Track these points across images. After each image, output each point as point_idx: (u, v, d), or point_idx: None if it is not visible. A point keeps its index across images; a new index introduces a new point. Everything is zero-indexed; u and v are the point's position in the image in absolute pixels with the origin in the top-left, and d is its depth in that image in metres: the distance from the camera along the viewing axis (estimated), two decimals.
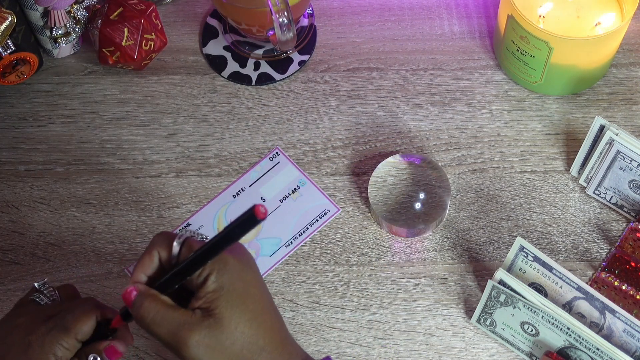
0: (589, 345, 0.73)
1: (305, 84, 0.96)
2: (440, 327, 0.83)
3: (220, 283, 0.62)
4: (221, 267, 0.63)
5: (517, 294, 0.74)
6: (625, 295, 0.80)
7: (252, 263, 0.65)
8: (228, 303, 0.62)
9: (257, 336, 0.63)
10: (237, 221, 0.59)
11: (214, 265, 0.63)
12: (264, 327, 0.63)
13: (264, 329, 0.63)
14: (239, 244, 0.66)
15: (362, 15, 1.00)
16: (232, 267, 0.63)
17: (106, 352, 0.65)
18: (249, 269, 0.64)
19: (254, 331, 0.63)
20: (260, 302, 0.64)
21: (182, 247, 0.65)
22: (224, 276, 0.63)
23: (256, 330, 0.63)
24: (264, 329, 0.63)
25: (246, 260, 0.65)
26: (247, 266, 0.64)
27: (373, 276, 0.86)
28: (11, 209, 0.90)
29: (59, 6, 0.91)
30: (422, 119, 0.93)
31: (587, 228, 0.87)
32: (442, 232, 0.87)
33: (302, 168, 0.91)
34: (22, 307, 0.70)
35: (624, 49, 0.96)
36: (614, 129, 0.82)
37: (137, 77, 0.96)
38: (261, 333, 0.63)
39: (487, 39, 0.98)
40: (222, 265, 0.63)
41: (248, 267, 0.64)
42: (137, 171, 0.91)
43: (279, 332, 0.65)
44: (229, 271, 0.63)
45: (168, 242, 0.65)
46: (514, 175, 0.90)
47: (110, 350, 0.66)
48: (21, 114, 0.95)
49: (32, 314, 0.68)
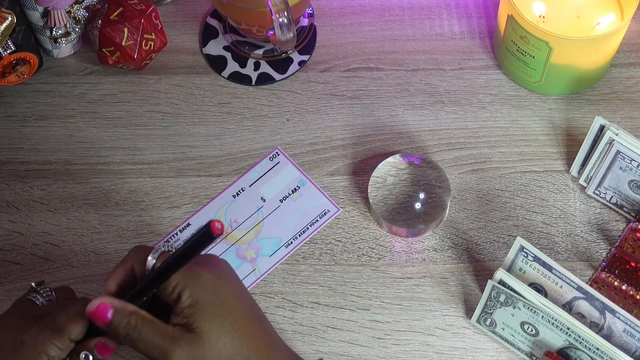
0: (589, 345, 0.73)
1: (305, 84, 0.96)
2: (440, 327, 0.83)
3: (195, 298, 0.63)
4: (195, 283, 0.63)
5: (517, 294, 0.74)
6: (625, 295, 0.80)
7: (229, 275, 0.66)
8: (205, 317, 0.63)
9: (241, 346, 0.64)
10: (194, 237, 0.60)
11: (187, 281, 0.63)
12: (246, 337, 0.64)
13: (247, 339, 0.64)
14: (214, 257, 0.66)
15: (362, 15, 1.00)
16: (205, 281, 0.64)
17: (97, 349, 0.65)
18: (223, 281, 0.65)
19: (237, 342, 0.63)
20: (239, 313, 0.64)
21: (157, 261, 0.65)
22: (197, 292, 0.63)
23: (239, 341, 0.64)
24: (247, 339, 0.64)
25: (222, 273, 0.65)
26: (222, 279, 0.65)
27: (373, 276, 0.86)
28: (11, 209, 0.90)
29: (59, 6, 0.91)
30: (422, 119, 0.93)
31: (587, 228, 0.87)
32: (442, 232, 0.87)
33: (302, 168, 0.91)
34: (18, 306, 0.70)
35: (624, 49, 0.96)
36: (614, 129, 0.82)
37: (137, 77, 0.96)
38: (244, 343, 0.64)
39: (487, 39, 0.98)
40: (196, 281, 0.63)
41: (223, 279, 0.65)
42: (137, 171, 0.91)
43: (263, 338, 0.65)
44: (202, 286, 0.64)
45: (144, 255, 0.66)
46: (514, 175, 0.90)
47: (102, 347, 0.65)
48: (21, 114, 0.95)
49: (25, 313, 0.68)
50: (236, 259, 0.87)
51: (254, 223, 0.88)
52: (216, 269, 0.65)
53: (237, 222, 0.88)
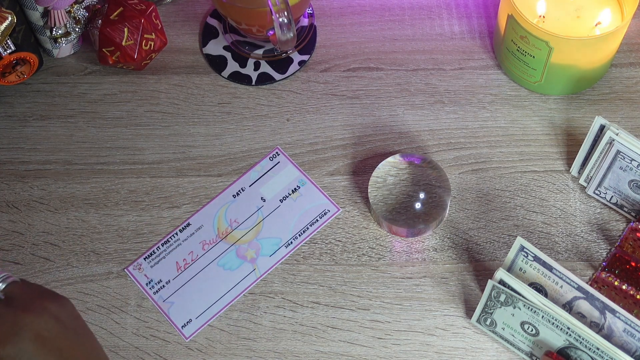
0: (589, 345, 0.73)
1: (305, 84, 0.96)
2: (440, 327, 0.83)
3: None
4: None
5: (517, 294, 0.74)
6: (625, 295, 0.80)
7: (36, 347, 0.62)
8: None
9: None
10: None
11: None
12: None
13: None
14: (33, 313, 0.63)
15: (362, 15, 1.00)
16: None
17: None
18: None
19: None
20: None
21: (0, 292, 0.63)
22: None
23: None
24: None
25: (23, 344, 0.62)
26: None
27: (373, 276, 0.86)
28: (11, 209, 0.90)
29: (59, 6, 0.91)
30: (422, 119, 0.93)
31: (587, 228, 0.87)
32: (442, 232, 0.87)
33: (302, 168, 0.91)
34: None
35: (624, 49, 0.96)
36: (614, 128, 0.82)
37: (137, 77, 0.96)
38: None
39: (487, 39, 0.98)
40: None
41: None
42: (137, 171, 0.91)
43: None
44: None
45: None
46: (514, 175, 0.90)
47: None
48: (21, 114, 0.95)
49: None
50: (236, 259, 0.87)
51: (254, 223, 0.88)
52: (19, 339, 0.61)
53: (237, 222, 0.88)
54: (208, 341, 0.83)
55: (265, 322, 0.84)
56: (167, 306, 0.85)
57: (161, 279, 0.86)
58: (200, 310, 0.85)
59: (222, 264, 0.87)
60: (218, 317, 0.84)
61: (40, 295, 0.64)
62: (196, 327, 0.84)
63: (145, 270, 0.86)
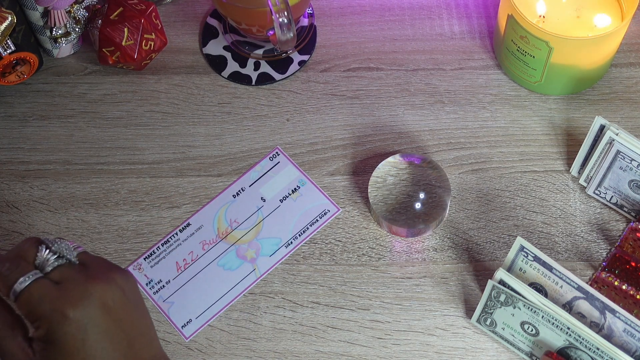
0: (589, 345, 0.73)
1: (305, 84, 0.96)
2: (440, 327, 0.83)
3: (52, 340, 0.62)
4: (58, 322, 0.61)
5: (517, 294, 0.74)
6: (625, 295, 0.80)
7: (101, 317, 0.63)
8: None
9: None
10: None
11: (52, 318, 0.61)
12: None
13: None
14: (106, 278, 0.64)
15: (362, 15, 1.00)
16: (70, 327, 0.61)
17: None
18: (92, 327, 0.62)
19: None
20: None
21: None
22: (56, 333, 0.61)
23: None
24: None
25: (93, 313, 0.62)
26: (93, 320, 0.62)
27: (373, 276, 0.86)
28: (11, 209, 0.90)
29: (59, 6, 0.91)
30: (422, 119, 0.93)
31: (587, 228, 0.87)
32: (442, 232, 0.87)
33: (302, 168, 0.91)
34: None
35: (624, 49, 0.96)
36: (614, 128, 0.82)
37: (137, 77, 0.96)
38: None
39: (487, 39, 0.98)
40: (61, 321, 0.61)
41: (94, 321, 0.62)
42: (137, 171, 0.91)
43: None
44: (64, 331, 0.61)
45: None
46: (514, 175, 0.90)
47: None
48: (21, 114, 0.95)
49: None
50: (236, 259, 0.87)
51: (254, 223, 0.88)
52: (90, 305, 0.62)
53: (237, 222, 0.88)
54: (208, 341, 0.83)
55: (265, 322, 0.84)
56: (167, 306, 0.85)
57: (161, 279, 0.86)
58: (200, 310, 0.85)
59: (222, 264, 0.87)
60: (218, 317, 0.84)
61: (109, 266, 0.65)
62: (196, 327, 0.84)
63: (145, 270, 0.86)
